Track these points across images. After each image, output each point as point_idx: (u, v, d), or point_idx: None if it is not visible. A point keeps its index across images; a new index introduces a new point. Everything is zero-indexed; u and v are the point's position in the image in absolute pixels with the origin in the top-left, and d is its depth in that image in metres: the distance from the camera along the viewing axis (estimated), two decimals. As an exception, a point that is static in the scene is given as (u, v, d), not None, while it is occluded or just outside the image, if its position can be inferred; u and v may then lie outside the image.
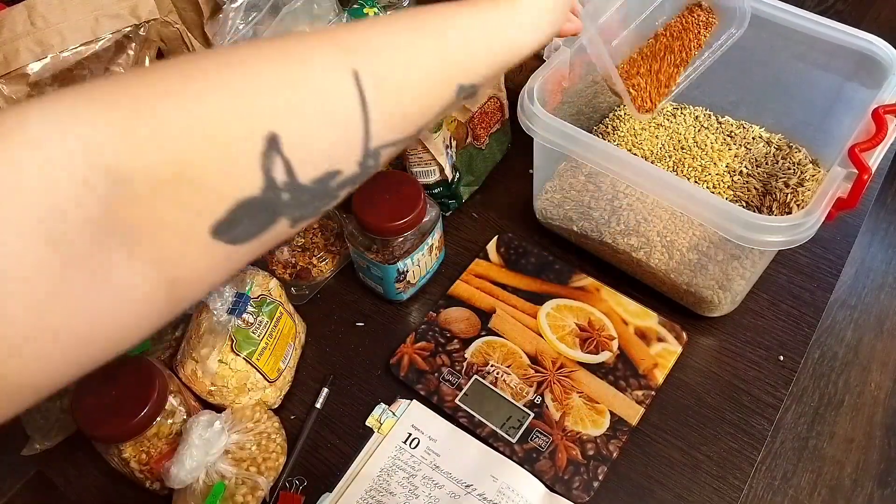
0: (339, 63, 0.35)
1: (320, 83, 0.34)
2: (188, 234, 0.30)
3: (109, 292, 0.28)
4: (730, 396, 0.67)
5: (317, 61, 0.35)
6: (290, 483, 0.64)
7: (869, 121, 0.59)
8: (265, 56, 0.34)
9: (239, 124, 0.31)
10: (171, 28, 0.80)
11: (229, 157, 0.30)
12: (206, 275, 0.32)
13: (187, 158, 0.29)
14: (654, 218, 0.69)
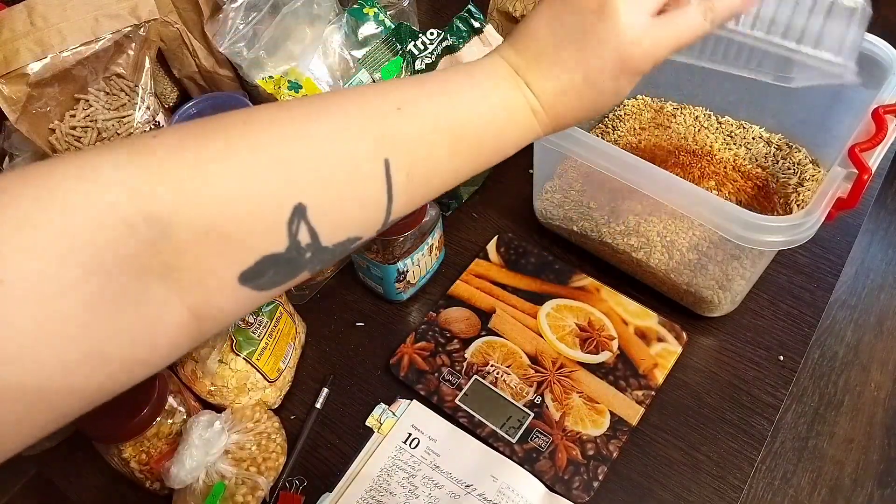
0: (372, 151, 0.38)
1: (352, 165, 0.38)
2: (218, 278, 0.34)
3: (146, 320, 0.32)
4: (730, 396, 0.67)
5: (351, 144, 0.38)
6: (290, 483, 0.64)
7: (869, 121, 0.59)
8: (304, 131, 0.37)
9: (272, 192, 0.35)
10: (171, 28, 0.80)
11: (260, 219, 0.34)
12: (231, 313, 0.36)
13: (224, 215, 0.33)
14: (653, 218, 0.69)
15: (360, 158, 0.38)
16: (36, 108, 0.71)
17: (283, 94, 0.78)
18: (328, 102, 0.40)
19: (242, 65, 0.80)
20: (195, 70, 0.85)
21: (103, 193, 0.30)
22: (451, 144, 0.41)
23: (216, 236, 0.33)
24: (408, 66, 0.69)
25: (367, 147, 0.39)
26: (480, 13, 0.73)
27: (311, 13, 0.82)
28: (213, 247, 0.33)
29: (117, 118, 0.74)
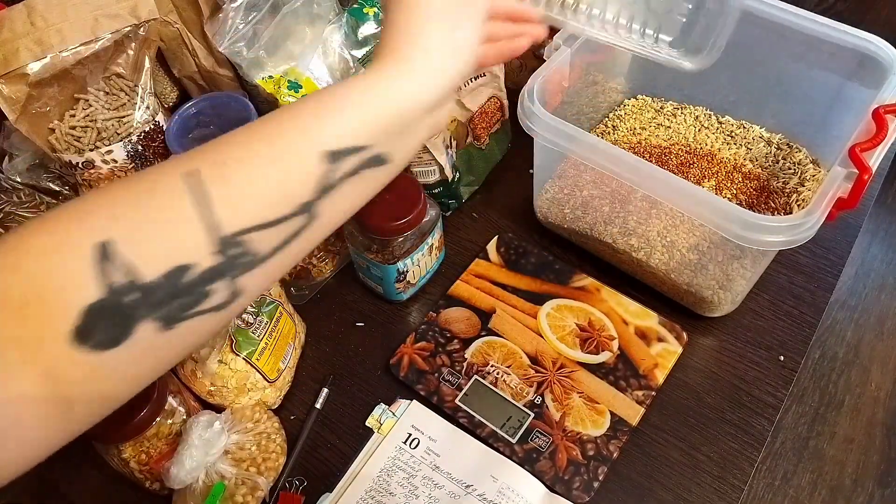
0: (182, 165, 0.38)
1: (159, 186, 0.37)
2: (49, 344, 0.33)
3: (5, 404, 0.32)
4: (730, 396, 0.67)
5: (154, 169, 0.39)
6: (289, 483, 0.64)
7: (869, 121, 0.59)
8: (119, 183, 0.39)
9: (75, 236, 0.34)
10: (170, 28, 0.80)
11: (68, 267, 0.34)
12: (90, 386, 0.35)
13: (28, 279, 0.33)
14: (654, 218, 0.69)
15: (160, 175, 0.38)
16: (35, 107, 0.71)
17: (283, 94, 0.78)
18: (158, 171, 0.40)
19: (242, 64, 0.80)
20: (195, 70, 0.85)
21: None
22: (263, 134, 0.41)
23: (30, 302, 0.33)
24: (408, 65, 0.69)
25: (170, 164, 0.38)
26: (480, 13, 0.73)
27: (310, 13, 0.82)
28: (30, 313, 0.33)
29: (117, 118, 0.74)
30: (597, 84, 0.83)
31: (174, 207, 0.36)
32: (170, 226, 0.36)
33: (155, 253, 0.35)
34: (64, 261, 0.34)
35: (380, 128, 0.43)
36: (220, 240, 0.37)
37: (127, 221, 0.35)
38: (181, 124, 0.78)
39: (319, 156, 0.40)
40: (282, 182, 0.39)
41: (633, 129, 0.85)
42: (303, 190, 0.40)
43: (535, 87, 0.65)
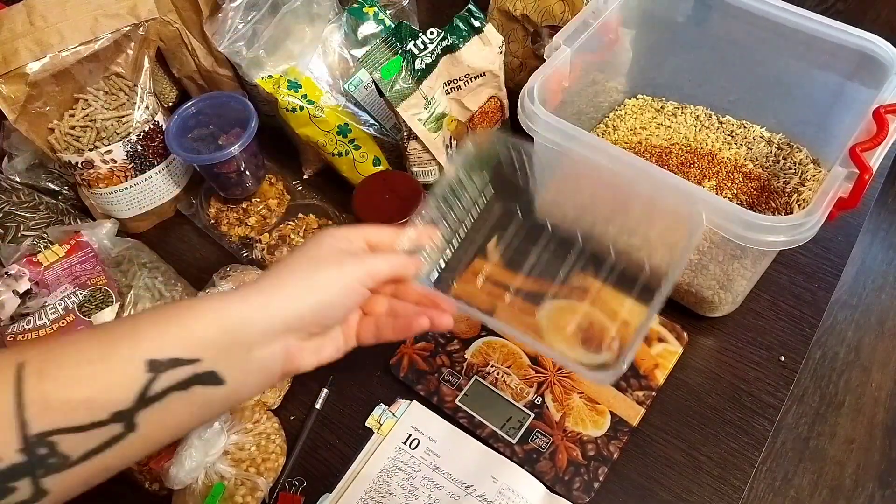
0: (9, 356, 0.38)
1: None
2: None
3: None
4: (731, 397, 0.67)
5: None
6: (289, 484, 0.64)
7: (870, 120, 0.59)
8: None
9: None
10: (170, 27, 0.80)
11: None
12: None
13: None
14: (654, 218, 0.69)
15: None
16: (35, 107, 0.71)
17: (282, 93, 0.77)
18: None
19: (242, 64, 0.80)
20: (194, 69, 0.85)
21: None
22: (98, 334, 0.41)
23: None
24: (408, 65, 0.69)
25: (3, 353, 0.38)
26: (480, 12, 0.73)
27: (310, 12, 0.82)
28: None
29: (116, 118, 0.74)
30: (597, 84, 0.82)
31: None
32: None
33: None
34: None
35: (210, 342, 0.42)
36: (28, 438, 0.36)
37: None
38: (181, 124, 0.78)
39: (142, 364, 0.39)
40: (101, 386, 0.39)
41: (634, 128, 0.85)
42: (121, 396, 0.39)
43: (535, 87, 0.65)
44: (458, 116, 0.77)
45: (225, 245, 0.81)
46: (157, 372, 0.40)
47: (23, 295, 0.69)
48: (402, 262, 0.52)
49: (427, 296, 0.54)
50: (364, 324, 0.54)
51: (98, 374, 0.39)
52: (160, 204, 0.82)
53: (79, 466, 0.38)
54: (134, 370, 0.39)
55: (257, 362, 0.45)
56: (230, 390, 0.44)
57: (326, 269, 0.47)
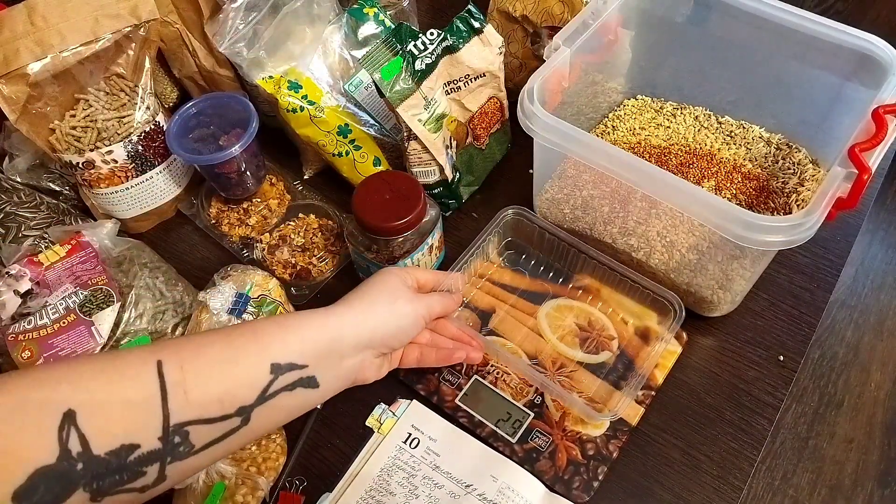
0: (146, 353, 0.42)
1: (123, 367, 0.41)
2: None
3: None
4: (730, 396, 0.67)
5: (125, 353, 0.42)
6: (290, 483, 0.64)
7: (869, 121, 0.59)
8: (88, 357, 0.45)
9: (40, 400, 0.37)
10: (170, 28, 0.80)
11: (29, 429, 0.36)
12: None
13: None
14: (653, 218, 0.69)
15: (132, 359, 0.41)
16: (36, 107, 0.71)
17: (283, 94, 0.78)
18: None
19: (242, 65, 0.80)
20: (195, 70, 0.85)
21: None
22: (224, 338, 0.46)
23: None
24: (408, 66, 0.69)
25: (142, 351, 0.42)
26: (480, 13, 0.73)
27: (311, 13, 0.82)
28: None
29: (117, 118, 0.74)
30: (596, 84, 0.83)
31: (138, 389, 0.40)
32: (131, 406, 0.40)
33: (111, 430, 0.39)
34: (24, 423, 0.36)
35: (316, 351, 0.50)
36: (168, 427, 0.40)
37: (91, 395, 0.38)
38: (181, 124, 0.78)
39: (267, 366, 0.46)
40: (233, 383, 0.44)
41: (633, 129, 0.85)
42: (248, 394, 0.45)
43: (535, 88, 0.65)
44: (458, 117, 0.77)
45: (226, 245, 0.81)
46: (277, 374, 0.47)
47: (24, 295, 0.69)
48: (450, 302, 0.64)
49: (463, 332, 0.65)
50: (409, 350, 0.63)
51: (231, 373, 0.44)
52: (161, 204, 0.83)
53: (198, 455, 0.42)
54: (260, 371, 0.46)
55: (344, 370, 0.53)
56: (320, 393, 0.51)
57: (401, 303, 0.57)
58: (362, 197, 0.69)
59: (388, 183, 0.70)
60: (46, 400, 0.37)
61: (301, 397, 0.49)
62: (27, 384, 0.38)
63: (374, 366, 0.58)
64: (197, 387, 0.42)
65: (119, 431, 0.39)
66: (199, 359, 0.44)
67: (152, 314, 0.69)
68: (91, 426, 0.37)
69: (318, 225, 0.81)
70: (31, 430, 0.36)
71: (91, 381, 0.39)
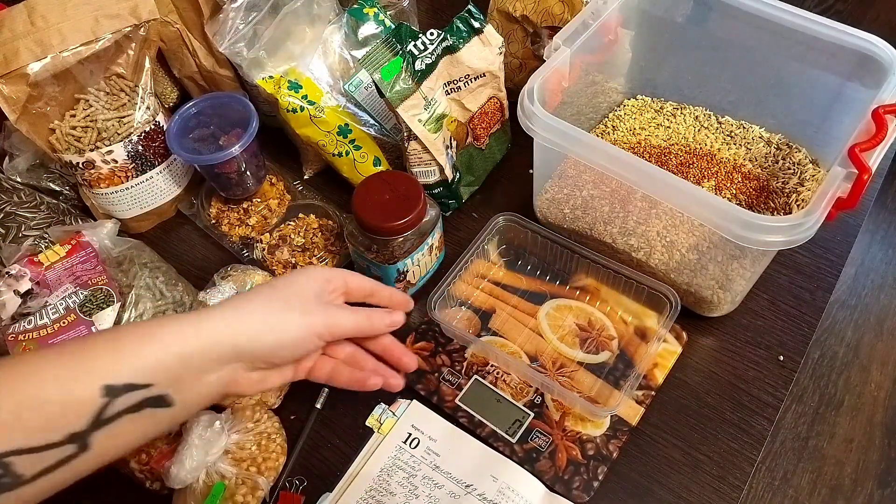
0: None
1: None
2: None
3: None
4: (730, 396, 0.67)
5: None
6: (290, 483, 0.64)
7: (869, 121, 0.59)
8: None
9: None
10: (170, 28, 0.80)
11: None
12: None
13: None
14: (653, 218, 0.69)
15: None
16: (36, 107, 0.71)
17: (283, 94, 0.78)
18: None
19: (242, 65, 0.80)
20: (195, 70, 0.85)
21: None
22: (55, 357, 0.43)
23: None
24: (408, 66, 0.69)
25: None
26: (480, 13, 0.73)
27: (311, 13, 0.82)
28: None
29: (117, 118, 0.74)
30: (596, 84, 0.83)
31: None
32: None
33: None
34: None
35: (163, 368, 0.44)
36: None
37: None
38: (181, 124, 0.78)
39: (98, 389, 0.41)
40: (58, 409, 0.40)
41: (633, 129, 0.85)
42: (76, 420, 0.40)
43: (535, 88, 0.65)
44: (458, 117, 0.77)
45: (226, 245, 0.81)
46: (113, 397, 0.41)
47: (24, 295, 0.69)
48: (369, 323, 0.56)
49: (395, 351, 0.59)
50: (321, 362, 0.57)
51: (55, 398, 0.40)
52: (161, 204, 0.83)
53: (31, 485, 0.39)
54: (90, 395, 0.41)
55: (205, 387, 0.47)
56: (177, 410, 0.46)
57: (290, 314, 0.50)
58: (362, 197, 0.69)
59: (389, 183, 0.70)
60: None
61: (153, 418, 0.44)
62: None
63: (249, 380, 0.51)
64: (16, 412, 0.39)
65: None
66: (20, 382, 0.40)
67: (152, 314, 0.69)
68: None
69: (318, 225, 0.81)
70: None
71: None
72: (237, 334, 0.48)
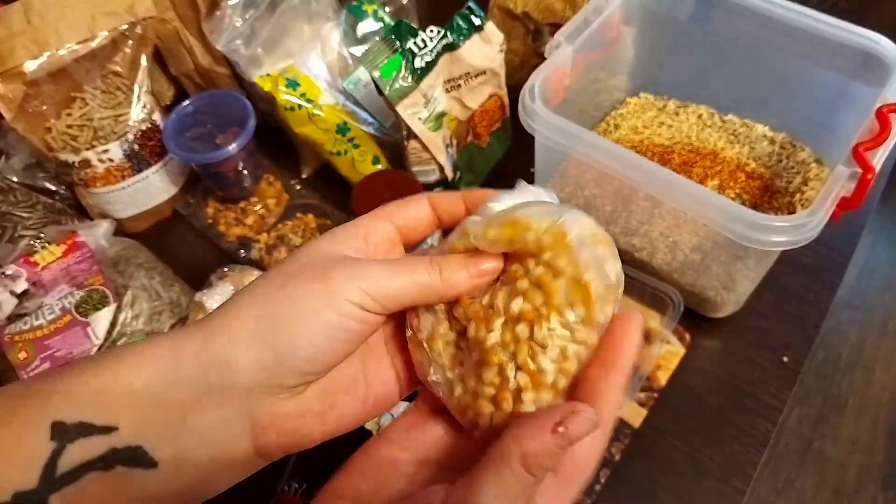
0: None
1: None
2: None
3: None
4: (733, 398, 0.67)
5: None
6: (289, 486, 0.64)
7: (873, 120, 0.59)
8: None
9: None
10: (167, 26, 0.79)
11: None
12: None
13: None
14: (656, 218, 0.69)
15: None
16: (32, 106, 0.70)
17: (280, 92, 0.77)
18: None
19: (240, 62, 0.80)
20: (192, 68, 0.84)
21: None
22: (4, 391, 0.31)
23: None
24: (407, 63, 0.68)
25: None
26: (481, 10, 0.73)
27: (309, 10, 0.81)
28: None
29: (113, 116, 0.74)
30: (598, 82, 0.82)
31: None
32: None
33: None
34: None
35: (127, 402, 0.30)
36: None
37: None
38: (178, 123, 0.78)
39: (45, 429, 0.29)
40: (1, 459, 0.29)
41: (636, 127, 0.84)
42: (23, 476, 0.29)
43: (537, 85, 0.64)
44: (458, 115, 0.76)
45: (223, 245, 0.81)
46: (63, 440, 0.29)
47: (20, 295, 0.68)
48: (439, 281, 0.34)
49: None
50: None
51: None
52: (157, 203, 0.82)
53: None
54: (36, 438, 0.29)
55: (199, 436, 0.31)
56: (166, 477, 0.30)
57: (302, 290, 0.32)
58: (361, 196, 0.68)
59: (388, 182, 0.69)
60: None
61: (132, 482, 0.30)
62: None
63: (296, 416, 0.35)
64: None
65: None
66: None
67: (149, 315, 0.69)
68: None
69: (316, 224, 0.80)
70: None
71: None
72: (223, 347, 0.31)
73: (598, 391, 0.30)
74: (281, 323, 0.31)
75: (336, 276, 0.32)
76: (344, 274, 0.32)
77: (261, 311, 0.31)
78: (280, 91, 0.77)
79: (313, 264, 0.33)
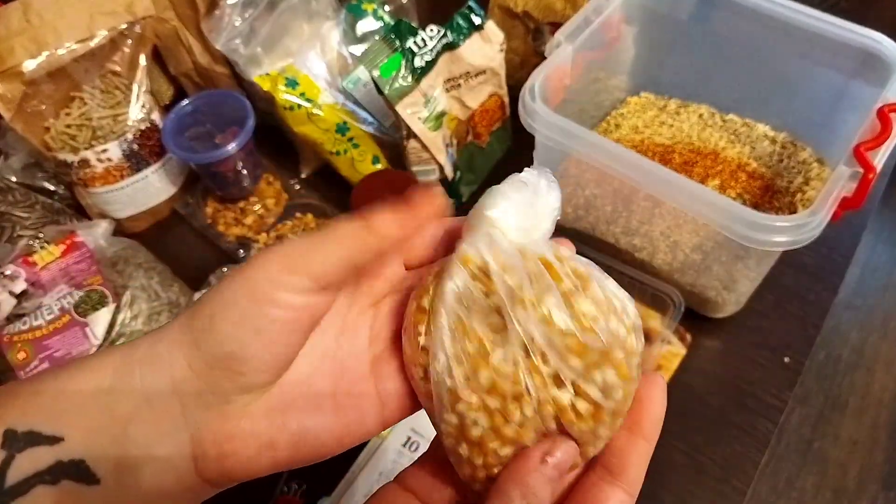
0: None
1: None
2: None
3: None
4: (734, 398, 0.67)
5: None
6: (288, 487, 0.64)
7: (874, 119, 0.58)
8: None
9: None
10: (166, 25, 0.79)
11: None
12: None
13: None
14: (657, 218, 0.68)
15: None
16: (31, 106, 0.70)
17: (280, 91, 0.77)
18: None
19: (239, 62, 0.79)
20: (191, 67, 0.84)
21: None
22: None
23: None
24: (407, 63, 0.68)
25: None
26: (481, 9, 0.73)
27: (308, 9, 0.81)
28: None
29: (112, 116, 0.74)
30: (599, 81, 0.82)
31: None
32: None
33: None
34: None
35: (75, 410, 0.28)
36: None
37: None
38: (177, 122, 0.78)
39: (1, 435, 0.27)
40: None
41: (636, 127, 0.84)
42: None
43: (537, 85, 0.64)
44: (458, 115, 0.76)
45: (222, 245, 0.80)
46: (13, 449, 0.27)
47: (19, 296, 0.68)
48: (358, 226, 0.31)
49: None
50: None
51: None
52: (156, 203, 0.82)
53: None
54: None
55: (138, 450, 0.28)
56: (110, 496, 0.28)
57: (225, 283, 0.29)
58: (361, 196, 0.68)
59: (387, 182, 0.69)
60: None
61: (77, 499, 0.27)
62: None
63: (258, 433, 0.29)
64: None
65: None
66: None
67: (148, 315, 0.68)
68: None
69: (315, 225, 0.80)
70: None
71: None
72: (165, 345, 0.28)
73: (626, 461, 0.31)
74: (211, 322, 0.28)
75: (253, 261, 0.28)
76: (261, 258, 0.28)
77: (194, 310, 0.28)
78: (279, 90, 0.77)
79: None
